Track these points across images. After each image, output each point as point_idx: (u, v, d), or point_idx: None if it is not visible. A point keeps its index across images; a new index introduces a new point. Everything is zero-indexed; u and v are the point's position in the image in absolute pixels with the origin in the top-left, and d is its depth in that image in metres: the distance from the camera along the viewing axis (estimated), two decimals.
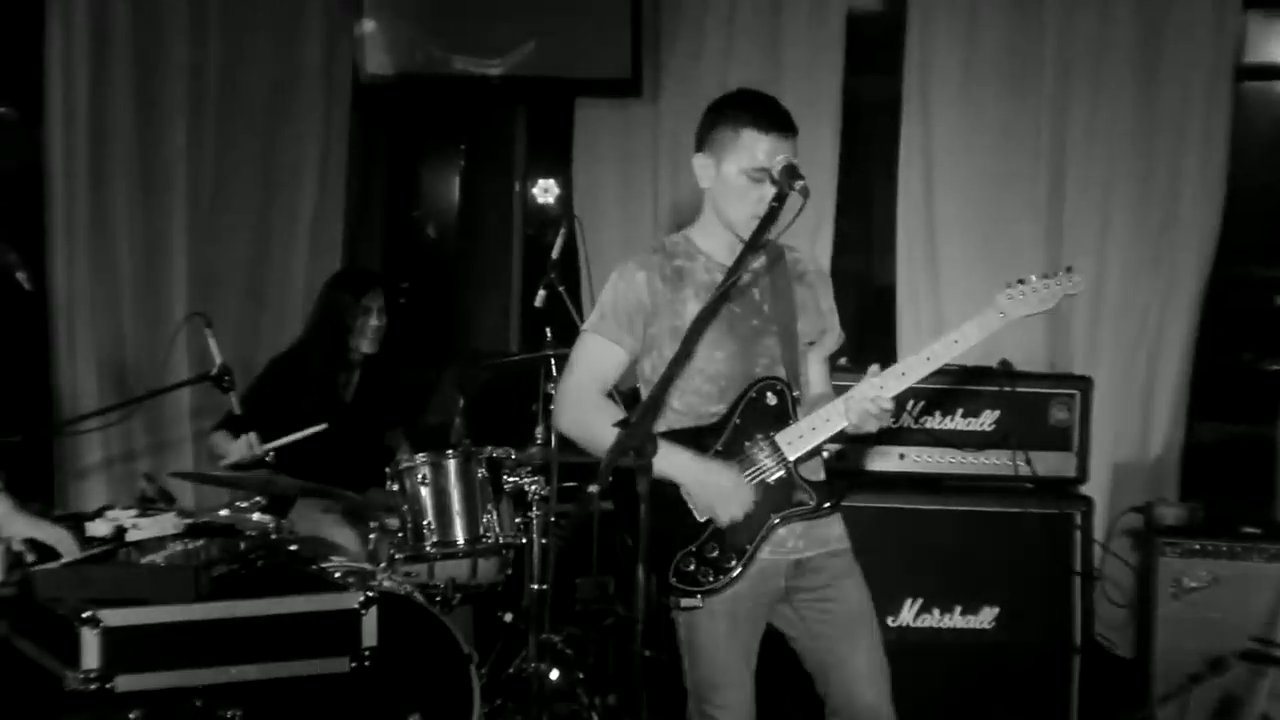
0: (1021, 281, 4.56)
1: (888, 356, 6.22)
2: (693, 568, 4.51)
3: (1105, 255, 7.90)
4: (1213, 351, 8.15)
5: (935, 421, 6.57)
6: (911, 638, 6.45)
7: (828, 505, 4.61)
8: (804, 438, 4.55)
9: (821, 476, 4.69)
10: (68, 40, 7.81)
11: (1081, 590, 6.50)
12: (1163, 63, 7.84)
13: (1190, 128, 7.81)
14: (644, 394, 4.69)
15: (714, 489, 4.48)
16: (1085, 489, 6.75)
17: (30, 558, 4.95)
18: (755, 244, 4.28)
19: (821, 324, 4.82)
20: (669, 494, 4.52)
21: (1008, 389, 6.50)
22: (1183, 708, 6.30)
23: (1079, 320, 7.87)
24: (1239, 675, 5.78)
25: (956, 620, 6.48)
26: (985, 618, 6.47)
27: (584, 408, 4.63)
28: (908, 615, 6.47)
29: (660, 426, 4.61)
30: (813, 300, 4.78)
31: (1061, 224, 8.00)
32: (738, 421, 4.57)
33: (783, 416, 4.59)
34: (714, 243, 4.59)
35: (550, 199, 9.64)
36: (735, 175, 4.50)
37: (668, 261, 4.64)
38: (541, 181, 9.68)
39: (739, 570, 4.52)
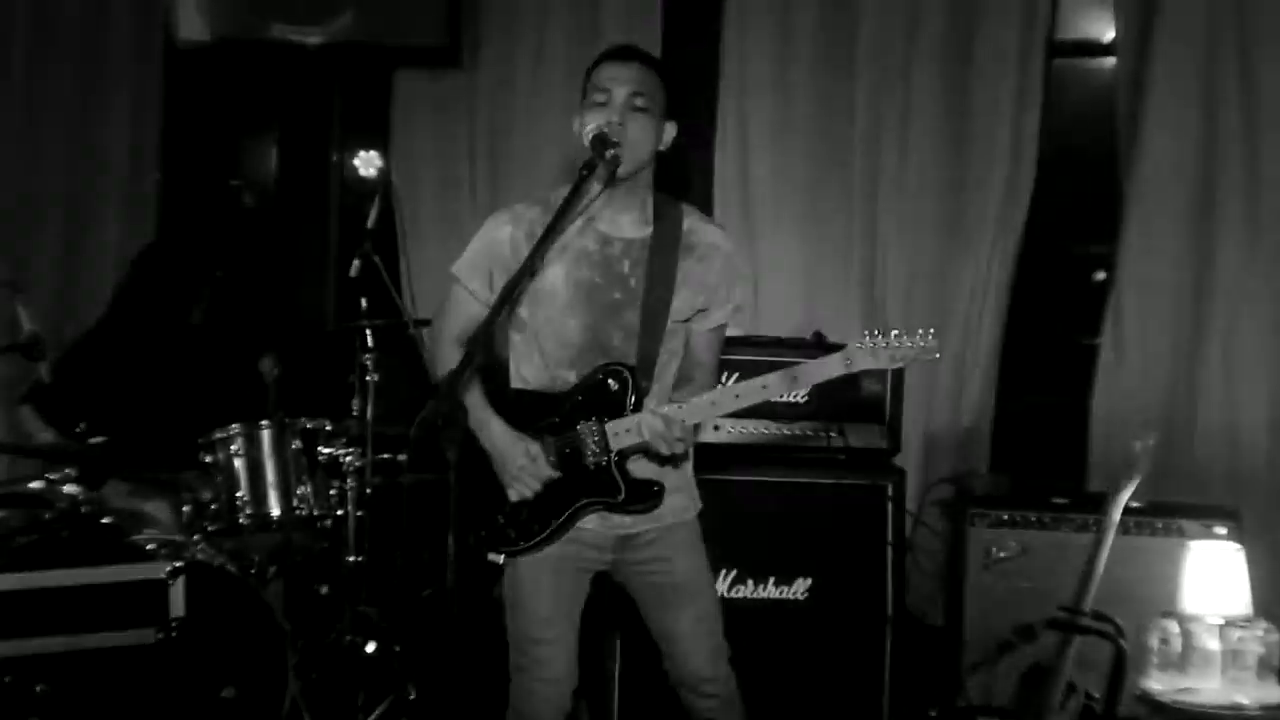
0: (880, 334, 4.52)
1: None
2: (500, 523, 4.60)
3: (920, 229, 7.98)
4: (1026, 325, 8.25)
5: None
6: (726, 608, 6.42)
7: (634, 506, 4.65)
8: (630, 432, 4.55)
9: (644, 475, 4.69)
10: None
11: (894, 561, 6.55)
12: (975, 39, 7.93)
13: (1003, 94, 7.90)
14: (511, 335, 4.78)
15: (510, 465, 4.55)
16: (898, 460, 6.81)
17: None
18: (563, 213, 4.35)
19: (706, 300, 4.80)
20: (488, 454, 4.62)
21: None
22: (992, 676, 6.40)
23: (892, 291, 7.94)
24: (1047, 644, 5.85)
25: (770, 591, 6.51)
26: (799, 588, 6.51)
27: (440, 356, 4.72)
28: (721, 586, 6.47)
29: (517, 383, 4.74)
30: (700, 274, 4.76)
31: (876, 191, 8.07)
32: (579, 398, 4.59)
33: (619, 405, 4.59)
34: (591, 201, 4.55)
35: (372, 171, 9.55)
36: (586, 111, 4.59)
37: (543, 216, 4.59)
38: (363, 154, 9.57)
39: (542, 538, 4.59)
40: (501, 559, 4.60)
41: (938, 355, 4.57)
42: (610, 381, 4.58)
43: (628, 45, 4.76)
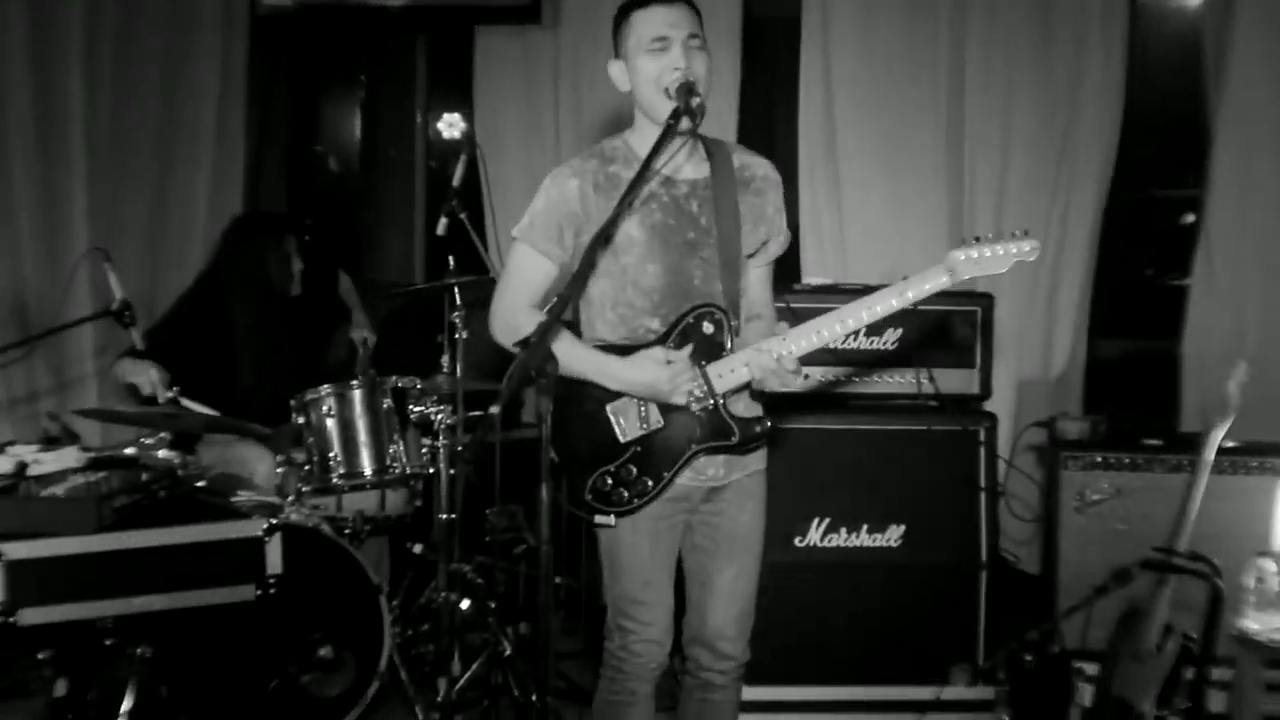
0: (977, 239, 4.49)
1: (790, 281, 6.29)
2: (609, 486, 4.54)
3: (1006, 172, 7.96)
4: (1114, 268, 8.21)
5: (838, 341, 6.58)
6: (819, 557, 6.46)
7: (749, 444, 4.62)
8: (735, 372, 4.52)
9: (750, 412, 4.68)
10: None
11: (987, 506, 6.52)
12: None
13: (1088, 40, 7.86)
14: (581, 305, 4.72)
15: (659, 381, 4.48)
16: (989, 405, 6.76)
17: None
18: (652, 160, 4.27)
19: (767, 231, 4.78)
20: (593, 411, 4.56)
21: (910, 307, 6.51)
22: (1087, 619, 6.36)
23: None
24: (1143, 586, 5.82)
25: (863, 539, 6.49)
26: (892, 536, 6.49)
27: (513, 319, 4.59)
28: (814, 535, 6.47)
29: (596, 336, 4.67)
30: (759, 207, 4.75)
31: (962, 141, 8.06)
32: (672, 345, 4.54)
33: (717, 347, 4.56)
34: (648, 146, 4.39)
35: (456, 133, 9.60)
36: (642, 59, 4.51)
37: (603, 167, 4.60)
38: (447, 116, 9.64)
39: (654, 494, 4.54)
40: (613, 520, 4.55)
41: (1037, 255, 4.52)
42: (704, 324, 4.55)
43: None
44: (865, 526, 6.48)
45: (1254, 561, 5.74)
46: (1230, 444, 6.07)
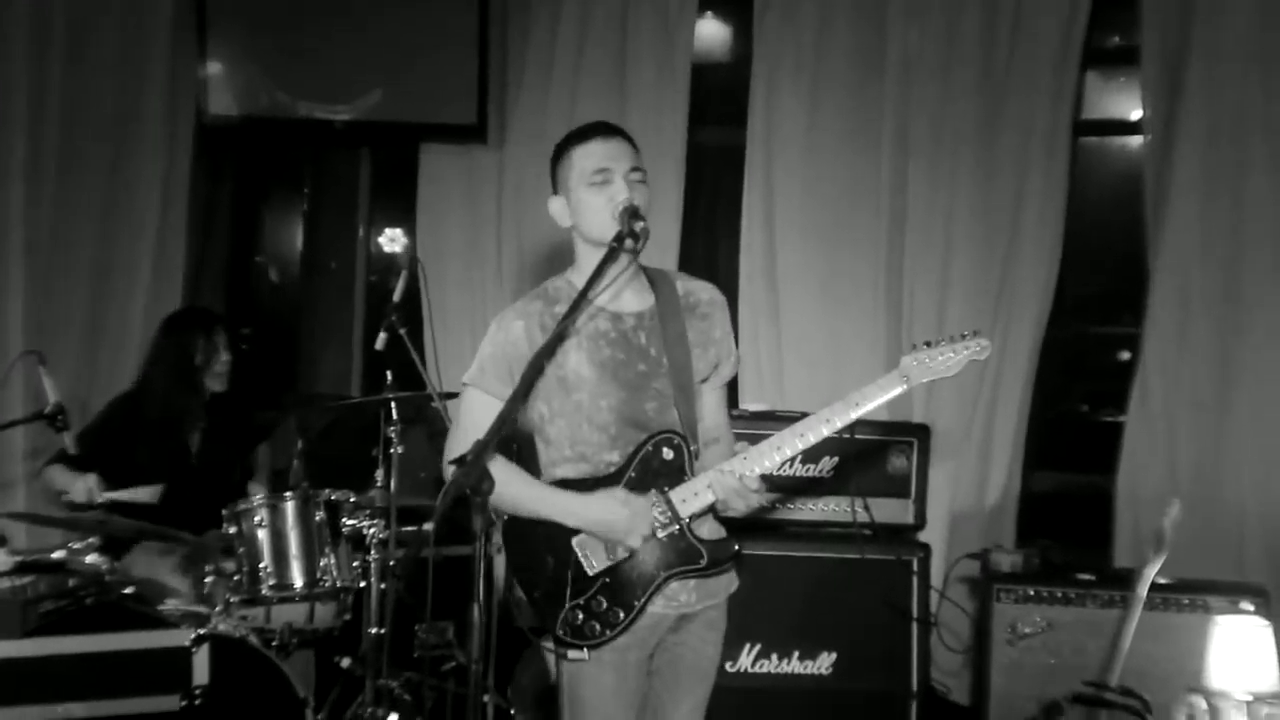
0: (928, 344, 4.50)
1: (728, 407, 6.28)
2: (580, 620, 4.44)
3: (945, 305, 8.00)
4: (1050, 402, 8.26)
5: (774, 467, 6.58)
6: (750, 683, 6.45)
7: (719, 566, 4.58)
8: (698, 495, 4.47)
9: (716, 534, 4.64)
10: None
11: (918, 636, 6.54)
12: (1002, 120, 7.96)
13: (1029, 181, 7.92)
14: (538, 442, 4.66)
15: (615, 520, 4.43)
16: (923, 536, 6.80)
17: None
18: (592, 284, 4.26)
19: (716, 355, 4.74)
20: (557, 543, 4.48)
21: (846, 436, 6.49)
22: None
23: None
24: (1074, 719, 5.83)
25: (795, 665, 6.49)
26: (824, 663, 6.49)
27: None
28: (746, 660, 6.47)
29: (557, 475, 4.59)
30: (706, 331, 4.71)
31: (901, 271, 8.10)
32: (633, 475, 4.48)
33: (678, 472, 4.51)
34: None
35: (397, 248, 9.61)
36: (581, 192, 4.49)
37: (549, 309, 4.55)
38: (388, 231, 9.65)
39: (626, 625, 4.46)
40: (587, 654, 4.45)
41: (988, 354, 4.53)
42: (664, 450, 4.51)
43: (603, 122, 4.69)
44: (797, 653, 6.48)
45: (1185, 698, 5.75)
46: (1163, 581, 6.07)
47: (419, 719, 6.65)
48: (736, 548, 4.58)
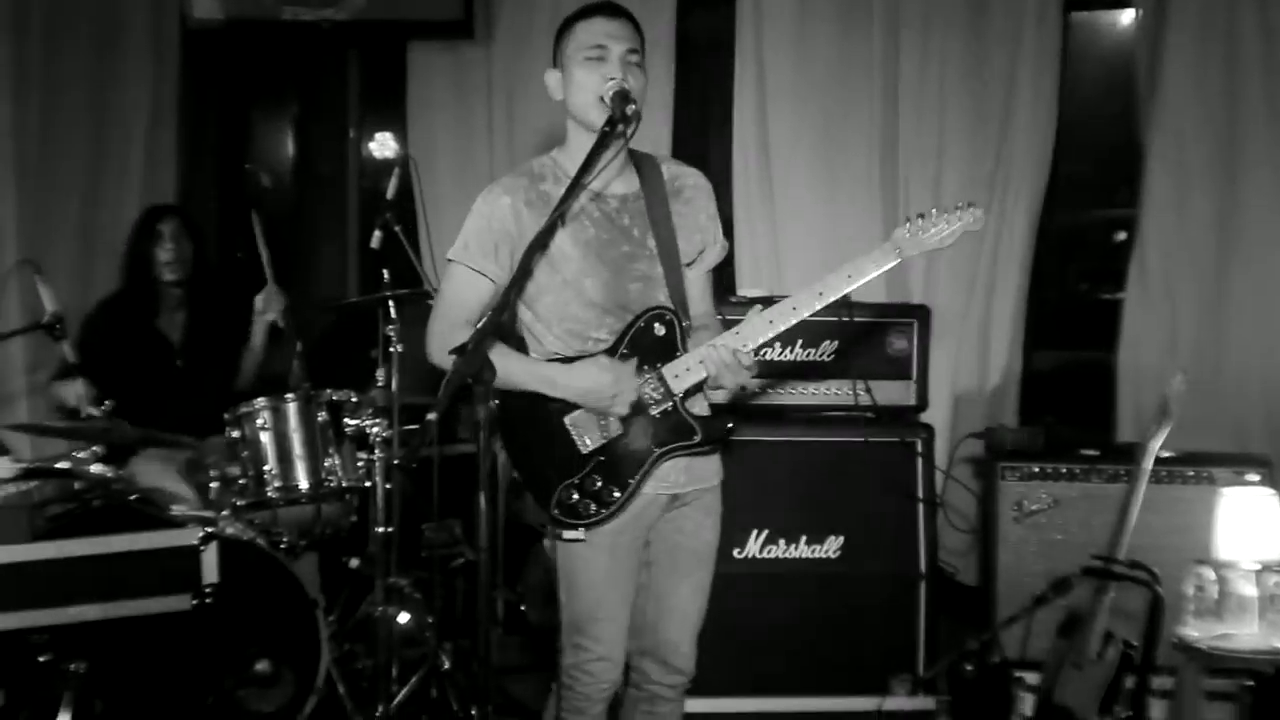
0: (921, 216, 4.45)
1: (726, 294, 6.27)
2: (574, 499, 4.47)
3: (940, 185, 7.98)
4: (1049, 283, 8.24)
5: (775, 353, 6.57)
6: (758, 569, 6.44)
7: (712, 442, 4.59)
8: (690, 371, 4.48)
9: (707, 411, 4.65)
10: None
11: (925, 517, 6.53)
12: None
13: (1021, 56, 7.89)
14: (527, 316, 4.67)
15: (598, 388, 4.45)
16: (925, 417, 6.78)
17: None
18: (587, 169, 4.22)
19: (701, 240, 4.75)
20: (553, 423, 4.51)
21: (845, 319, 6.50)
22: (1027, 629, 6.37)
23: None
24: (1082, 594, 5.84)
25: (802, 550, 6.48)
26: (830, 547, 6.48)
27: (451, 339, 4.44)
28: (753, 547, 6.46)
29: (546, 353, 4.61)
30: (691, 216, 4.72)
31: (896, 155, 8.08)
32: (625, 351, 4.50)
33: (670, 348, 4.53)
34: (578, 162, 4.33)
35: (389, 153, 9.57)
36: (578, 68, 4.48)
37: (534, 185, 4.57)
38: (379, 135, 9.61)
39: (621, 503, 4.49)
40: (583, 534, 4.47)
41: (982, 224, 4.50)
42: (655, 326, 4.52)
43: (614, 1, 4.67)
44: (804, 538, 6.47)
45: (1193, 569, 5.74)
46: (1167, 454, 6.06)
47: (429, 617, 6.66)
48: (730, 424, 4.59)
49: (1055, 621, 5.99)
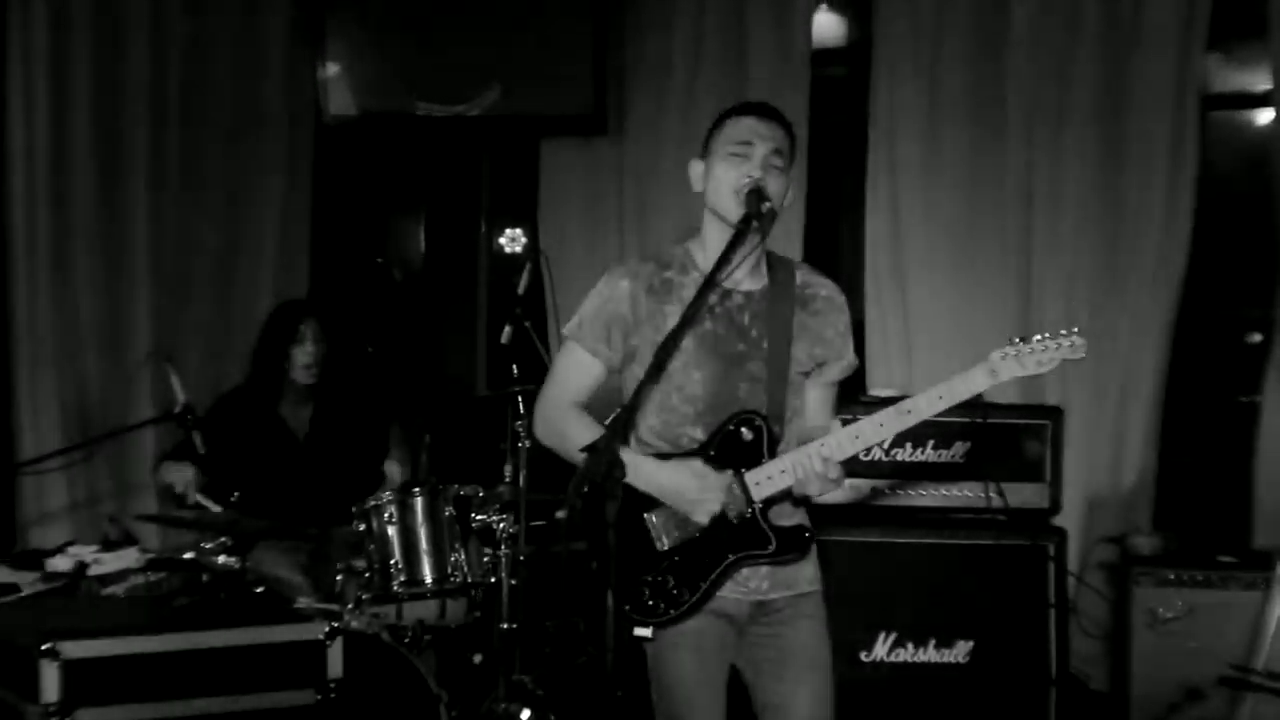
0: (1022, 340, 4.37)
1: (857, 389, 6.22)
2: (646, 596, 4.42)
3: (1074, 285, 7.89)
4: (1185, 383, 8.12)
5: (906, 453, 6.53)
6: (886, 672, 6.39)
7: (788, 554, 4.51)
8: (773, 479, 4.41)
9: (792, 522, 4.55)
10: (27, 86, 7.95)
11: (1056, 622, 6.45)
12: (1128, 94, 7.83)
13: (1157, 155, 7.80)
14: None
15: (685, 490, 4.38)
16: (1058, 520, 6.70)
17: None
18: (721, 266, 4.20)
19: (824, 353, 4.66)
20: (632, 519, 4.43)
21: (979, 420, 6.45)
22: None
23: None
24: (1218, 704, 5.74)
25: (931, 654, 6.42)
26: (960, 651, 6.42)
27: (557, 419, 4.55)
28: (881, 650, 6.41)
29: (635, 448, 4.53)
30: (816, 327, 4.64)
31: (1030, 255, 7.99)
32: (713, 454, 4.42)
33: (756, 454, 4.45)
34: (711, 256, 4.37)
35: (518, 248, 9.61)
36: (721, 160, 4.46)
37: (659, 272, 4.55)
38: (509, 231, 9.66)
39: (691, 604, 4.41)
40: (650, 632, 4.40)
41: (1083, 354, 4.37)
42: (744, 430, 4.45)
43: (767, 103, 4.67)
44: (933, 641, 6.42)
45: None
46: None
47: (552, 715, 6.61)
48: (808, 535, 4.52)
49: None
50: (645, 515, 4.45)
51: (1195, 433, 8.31)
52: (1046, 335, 4.37)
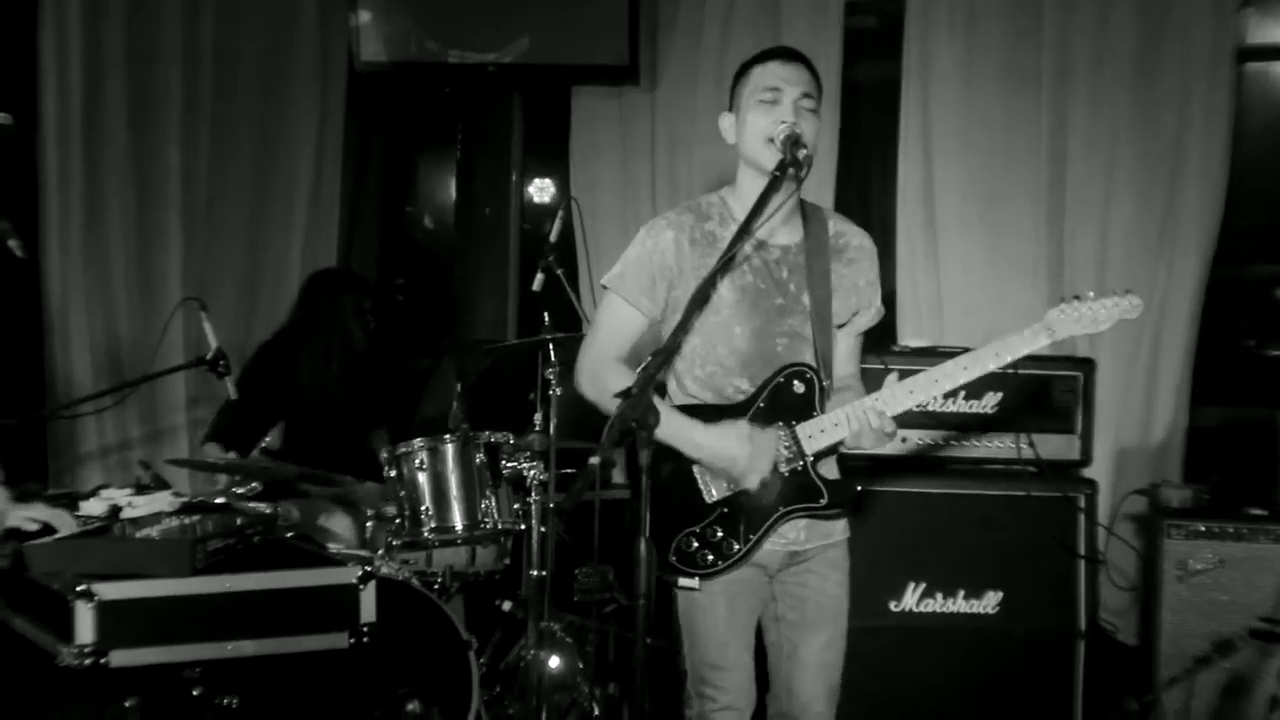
0: (1077, 298, 4.40)
1: (888, 343, 6.22)
2: (694, 548, 4.44)
3: (1107, 237, 7.86)
4: (1216, 336, 8.10)
5: (937, 404, 6.51)
6: (915, 622, 6.40)
7: (838, 507, 4.53)
8: (825, 433, 4.45)
9: (836, 474, 4.61)
10: (61, 42, 8.04)
11: (1086, 574, 6.45)
12: (1163, 48, 7.78)
13: (1192, 109, 7.75)
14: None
15: (739, 455, 4.38)
16: (1089, 472, 6.70)
17: (33, 527, 4.90)
18: (756, 213, 4.17)
19: (857, 302, 4.71)
20: (681, 470, 4.47)
21: (1010, 371, 6.42)
22: (1189, 691, 6.25)
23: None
24: (1247, 657, 5.73)
25: (960, 605, 6.43)
26: (989, 602, 6.42)
27: (601, 373, 4.57)
28: (910, 600, 6.41)
29: (681, 398, 4.59)
30: (851, 277, 4.68)
31: (1063, 209, 7.94)
32: (762, 405, 4.47)
33: (808, 407, 4.50)
34: (746, 205, 4.30)
35: (547, 198, 9.60)
36: (751, 111, 4.48)
37: (700, 224, 4.57)
38: (538, 180, 9.64)
39: (739, 557, 4.46)
40: (697, 582, 4.45)
41: (1139, 313, 4.43)
42: (795, 383, 4.48)
43: (790, 47, 4.66)
44: (962, 592, 6.42)
45: None
46: None
47: (581, 663, 6.63)
48: (859, 488, 4.54)
49: (1218, 684, 5.87)
50: (694, 467, 4.48)
51: (1226, 385, 8.29)
52: (1103, 294, 4.39)
